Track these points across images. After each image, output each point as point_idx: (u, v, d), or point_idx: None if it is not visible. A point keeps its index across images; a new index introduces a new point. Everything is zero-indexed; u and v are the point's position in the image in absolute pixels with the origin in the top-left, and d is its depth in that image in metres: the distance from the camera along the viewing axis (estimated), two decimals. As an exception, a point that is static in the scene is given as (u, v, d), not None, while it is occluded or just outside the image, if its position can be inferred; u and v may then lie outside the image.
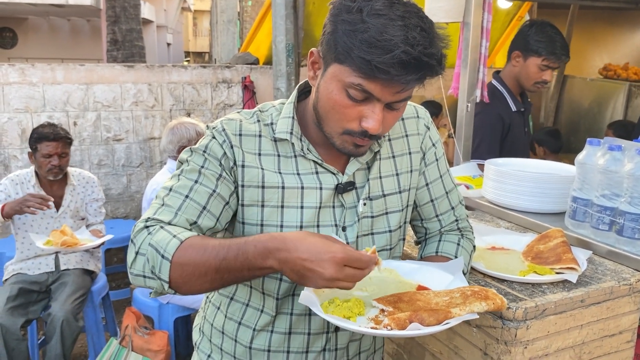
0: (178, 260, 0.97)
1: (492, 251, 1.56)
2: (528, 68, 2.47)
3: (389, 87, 0.99)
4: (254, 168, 1.13)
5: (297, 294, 1.19)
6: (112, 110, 4.54)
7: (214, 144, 1.13)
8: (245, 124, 1.17)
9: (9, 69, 4.19)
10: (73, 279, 3.02)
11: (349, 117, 1.05)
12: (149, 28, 16.57)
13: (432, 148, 1.31)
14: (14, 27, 16.93)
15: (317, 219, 1.16)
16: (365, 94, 1.01)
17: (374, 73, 0.96)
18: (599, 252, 1.54)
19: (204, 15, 27.49)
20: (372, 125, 1.03)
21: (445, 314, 0.96)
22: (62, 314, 2.78)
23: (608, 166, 1.49)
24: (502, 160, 2.02)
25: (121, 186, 4.72)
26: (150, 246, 1.00)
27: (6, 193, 3.00)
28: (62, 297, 2.89)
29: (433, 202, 1.33)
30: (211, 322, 1.31)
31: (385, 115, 1.05)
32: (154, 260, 0.99)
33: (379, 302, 1.03)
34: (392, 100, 1.02)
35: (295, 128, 1.16)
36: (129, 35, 7.71)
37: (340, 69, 1.02)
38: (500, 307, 1.01)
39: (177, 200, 1.08)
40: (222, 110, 4.91)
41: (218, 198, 1.11)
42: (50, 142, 3.02)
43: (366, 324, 1.00)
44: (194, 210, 1.08)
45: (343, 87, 1.02)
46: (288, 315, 1.21)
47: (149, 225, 1.04)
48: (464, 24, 2.30)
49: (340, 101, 1.03)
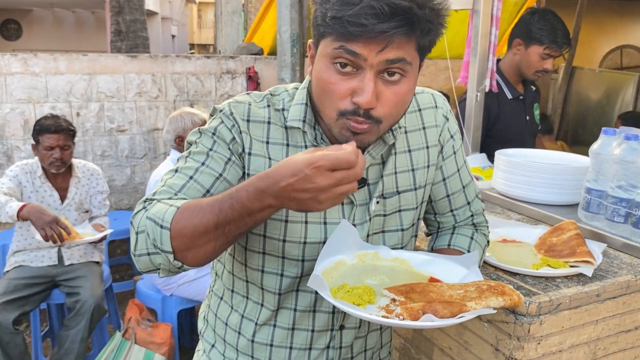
0: (176, 225, 0.92)
1: (503, 244, 1.52)
2: (529, 56, 2.44)
3: (371, 44, 0.91)
4: (261, 157, 1.07)
5: (301, 290, 1.14)
6: (115, 100, 4.50)
7: (222, 128, 1.07)
8: (255, 108, 1.10)
9: (12, 59, 4.15)
10: (93, 268, 3.07)
11: (340, 93, 0.96)
12: (153, 20, 16.52)
13: (450, 140, 1.22)
14: (19, 19, 16.91)
15: (324, 214, 1.10)
16: (349, 56, 0.94)
17: (349, 29, 0.90)
18: (614, 245, 1.49)
19: (208, 7, 27.40)
20: (363, 96, 0.94)
21: (460, 307, 0.91)
22: (93, 300, 2.83)
23: (624, 156, 1.44)
24: (512, 150, 1.97)
25: (125, 177, 4.69)
26: (148, 219, 0.95)
27: (18, 179, 2.98)
28: (89, 284, 2.91)
29: (449, 197, 1.26)
30: (215, 312, 1.27)
31: (382, 91, 0.96)
32: (154, 232, 0.94)
33: (390, 291, 0.98)
34: (380, 62, 0.93)
35: (308, 115, 1.09)
36: (133, 26, 7.66)
37: (324, 43, 0.97)
38: (517, 303, 0.96)
39: (180, 180, 1.03)
40: (226, 101, 4.87)
41: (224, 182, 1.05)
42: (51, 134, 2.98)
43: (377, 312, 0.95)
44: (195, 192, 1.02)
45: (330, 61, 0.96)
46: (292, 310, 1.16)
47: (146, 205, 1.00)
48: (473, 11, 2.24)
49: (329, 77, 0.97)
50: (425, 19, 0.92)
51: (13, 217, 2.68)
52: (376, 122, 0.98)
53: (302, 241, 1.10)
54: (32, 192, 3.02)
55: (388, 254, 1.13)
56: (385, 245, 1.16)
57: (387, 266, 1.11)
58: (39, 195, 3.04)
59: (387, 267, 1.11)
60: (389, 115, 0.99)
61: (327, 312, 1.16)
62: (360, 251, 1.11)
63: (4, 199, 2.74)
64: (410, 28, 0.91)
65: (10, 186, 2.91)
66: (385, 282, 1.05)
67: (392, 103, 0.98)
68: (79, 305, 2.83)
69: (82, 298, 2.84)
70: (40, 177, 3.04)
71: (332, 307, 1.15)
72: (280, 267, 1.12)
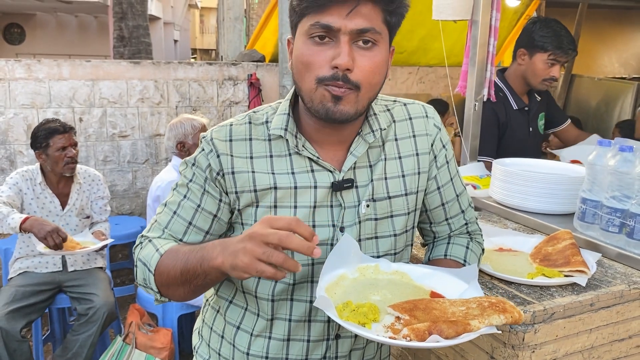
0: (158, 270, 1.08)
1: (499, 252, 1.54)
2: (535, 65, 2.44)
3: (341, 9, 0.99)
4: (245, 172, 1.12)
5: (295, 299, 1.16)
6: (118, 106, 4.54)
7: (200, 156, 1.15)
8: (236, 127, 1.15)
9: (16, 64, 4.19)
10: (100, 275, 3.11)
11: (319, 63, 1.02)
12: (156, 25, 16.58)
13: (443, 150, 1.26)
14: (22, 23, 16.98)
15: (312, 218, 1.13)
16: (324, 29, 1.01)
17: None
18: (609, 254, 1.52)
19: (211, 13, 27.48)
20: (341, 59, 1.00)
21: (464, 327, 0.93)
22: (105, 308, 2.87)
23: (619, 167, 1.47)
24: (509, 160, 2.00)
25: (126, 182, 4.72)
26: (140, 261, 1.12)
27: (18, 187, 2.99)
28: (101, 292, 2.95)
29: (444, 205, 1.28)
30: (210, 326, 1.29)
31: (357, 57, 1.02)
32: (144, 273, 1.10)
33: (395, 309, 1.00)
34: (352, 30, 1.00)
35: (290, 125, 1.13)
36: (136, 32, 7.71)
37: (301, 26, 1.05)
38: (517, 320, 0.98)
39: (166, 216, 1.16)
40: (227, 107, 4.90)
41: (204, 213, 1.14)
42: (61, 134, 3.02)
43: (382, 331, 0.97)
44: (180, 227, 1.15)
45: (307, 37, 1.03)
46: (286, 321, 1.17)
47: (142, 241, 1.16)
48: (472, 22, 2.27)
49: (307, 50, 1.03)
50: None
51: (15, 229, 2.70)
52: (355, 87, 1.03)
53: None
54: (32, 199, 3.03)
55: (389, 267, 1.15)
56: (378, 251, 1.18)
57: (387, 280, 1.13)
58: (39, 202, 3.05)
59: (387, 280, 1.13)
60: (365, 82, 1.04)
61: (322, 322, 1.17)
62: (361, 264, 1.13)
63: (6, 210, 2.75)
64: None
65: (10, 194, 2.92)
66: (387, 297, 1.07)
67: (368, 68, 1.03)
68: (92, 312, 2.86)
69: (95, 305, 2.88)
70: (41, 184, 3.05)
71: (327, 317, 1.17)
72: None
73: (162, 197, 2.93)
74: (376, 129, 1.16)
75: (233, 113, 4.93)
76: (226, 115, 4.91)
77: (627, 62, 6.46)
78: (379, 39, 1.04)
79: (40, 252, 2.85)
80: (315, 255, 0.91)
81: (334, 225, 1.14)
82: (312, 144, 1.14)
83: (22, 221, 2.69)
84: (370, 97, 1.08)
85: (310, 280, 1.15)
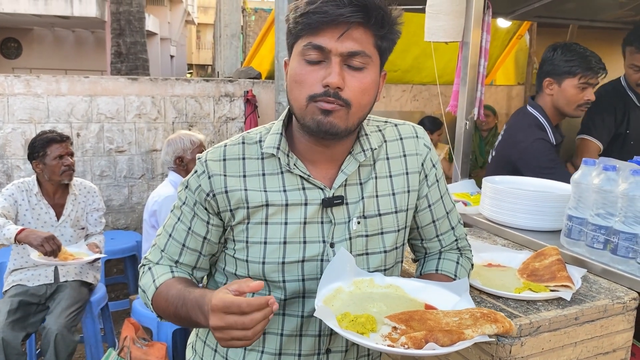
0: (154, 302, 1.18)
1: (488, 268, 1.58)
2: (566, 92, 2.29)
3: (333, 31, 1.05)
4: (238, 191, 1.16)
5: (287, 314, 1.20)
6: (115, 122, 4.59)
7: (192, 179, 1.20)
8: (229, 148, 1.20)
9: (15, 80, 4.24)
10: (70, 292, 3.01)
11: (311, 81, 1.08)
12: (152, 40, 16.68)
13: (433, 169, 1.30)
14: (19, 38, 17.05)
15: (302, 234, 1.17)
16: (316, 51, 1.06)
17: (313, 17, 1.04)
18: (594, 270, 1.56)
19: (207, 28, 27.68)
20: (331, 78, 1.05)
21: (458, 335, 0.98)
22: (56, 327, 2.77)
23: (602, 186, 1.52)
24: (499, 178, 2.04)
25: (122, 197, 4.74)
26: (140, 288, 1.23)
27: (14, 198, 3.02)
28: (57, 310, 2.88)
29: (434, 223, 1.33)
30: (204, 340, 1.31)
31: (348, 78, 1.07)
32: (145, 299, 1.21)
33: (391, 319, 1.04)
34: (342, 52, 1.05)
35: (282, 144, 1.18)
36: (133, 48, 7.79)
37: (296, 47, 1.11)
38: (508, 330, 1.03)
39: (163, 239, 1.24)
40: (224, 123, 4.96)
41: (194, 235, 1.21)
42: (58, 143, 3.07)
43: (381, 340, 1.01)
44: (175, 249, 1.22)
45: (301, 57, 1.09)
46: (278, 335, 1.21)
47: (144, 263, 1.25)
48: (463, 43, 2.34)
49: (300, 70, 1.09)
50: (376, 7, 1.06)
51: (10, 240, 2.73)
52: (345, 104, 1.08)
53: (280, 261, 1.16)
54: (27, 210, 3.05)
55: (383, 281, 1.20)
56: (368, 267, 1.22)
57: (382, 293, 1.17)
58: (34, 213, 3.07)
59: (383, 293, 1.17)
60: (355, 101, 1.09)
61: (313, 336, 1.21)
62: (357, 278, 1.18)
63: (2, 221, 2.78)
64: (365, 15, 1.05)
65: (5, 206, 2.94)
66: (383, 309, 1.11)
67: (358, 88, 1.08)
68: (44, 333, 2.78)
69: (46, 325, 2.81)
70: (37, 195, 3.08)
71: (319, 331, 1.20)
72: (266, 288, 1.18)
73: (159, 211, 2.97)
74: (367, 149, 1.20)
75: (229, 129, 4.98)
76: (222, 131, 4.96)
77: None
78: (369, 62, 1.09)
79: (34, 260, 2.86)
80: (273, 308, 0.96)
81: (324, 241, 1.18)
82: (304, 162, 1.19)
83: (17, 232, 2.73)
84: (360, 117, 1.13)
85: (302, 295, 1.19)
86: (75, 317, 2.92)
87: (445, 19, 2.29)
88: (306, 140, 1.17)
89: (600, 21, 3.99)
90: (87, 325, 3.16)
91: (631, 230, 1.46)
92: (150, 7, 16.27)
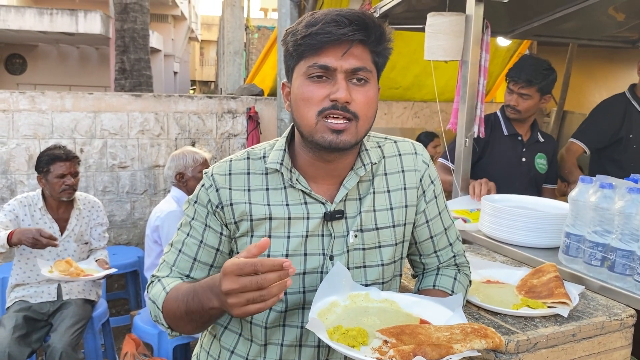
0: (165, 309, 1.16)
1: (487, 284, 1.60)
2: (505, 92, 2.73)
3: (336, 50, 1.10)
4: (242, 204, 1.20)
5: (287, 325, 1.22)
6: (118, 138, 4.63)
7: (201, 192, 1.23)
8: (235, 163, 1.24)
9: (20, 96, 4.29)
10: (74, 309, 3.02)
11: (318, 98, 1.12)
12: (156, 57, 16.84)
13: (432, 185, 1.33)
14: (24, 54, 17.22)
15: (304, 247, 1.20)
16: (321, 70, 1.10)
17: (317, 38, 1.09)
18: (592, 287, 1.57)
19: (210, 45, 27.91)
20: (340, 93, 1.09)
21: (447, 350, 0.99)
22: (60, 345, 2.77)
23: (599, 203, 1.54)
24: (498, 196, 2.07)
25: (125, 213, 4.77)
26: (150, 300, 1.21)
27: (15, 213, 3.03)
28: (62, 328, 2.88)
29: (432, 238, 1.35)
30: (207, 350, 1.34)
31: (353, 92, 1.12)
32: (154, 310, 1.19)
33: (382, 333, 1.06)
34: (347, 69, 1.10)
35: (285, 160, 1.21)
36: (137, 65, 7.87)
37: (298, 69, 1.15)
38: (498, 345, 1.05)
39: (173, 255, 1.25)
40: (226, 139, 5.00)
41: (207, 248, 1.22)
42: (63, 162, 3.08)
43: (370, 354, 1.03)
44: (186, 264, 1.23)
45: (305, 77, 1.13)
46: (278, 346, 1.23)
47: (153, 280, 1.24)
48: (462, 62, 2.37)
49: (306, 88, 1.13)
50: (375, 26, 1.13)
51: (4, 246, 2.75)
52: (354, 116, 1.12)
53: None
54: (30, 225, 3.06)
55: (378, 296, 1.22)
56: (366, 279, 1.25)
57: (378, 307, 1.19)
58: (38, 227, 3.09)
59: (378, 308, 1.19)
60: (362, 113, 1.14)
61: (312, 347, 1.23)
62: (352, 292, 1.20)
63: None
64: (365, 33, 1.11)
65: (3, 221, 2.96)
66: (377, 323, 1.13)
67: (364, 101, 1.14)
68: (49, 351, 2.79)
69: (51, 343, 2.82)
70: (41, 209, 3.10)
71: (318, 342, 1.23)
72: None
73: (161, 227, 2.98)
74: (367, 163, 1.24)
75: (232, 145, 5.02)
76: (225, 147, 5.00)
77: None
78: (370, 77, 1.15)
79: (46, 276, 2.87)
80: (289, 271, 0.95)
81: (324, 254, 1.21)
82: (306, 177, 1.22)
83: (8, 236, 2.75)
84: (366, 129, 1.18)
85: (302, 307, 1.22)
86: (79, 335, 2.94)
87: (444, 38, 2.32)
88: (309, 157, 1.21)
89: (599, 40, 4.03)
90: (88, 341, 3.16)
91: (628, 247, 1.47)
92: (154, 24, 16.46)
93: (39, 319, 2.99)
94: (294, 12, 4.58)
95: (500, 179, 2.47)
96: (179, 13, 19.82)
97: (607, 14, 3.21)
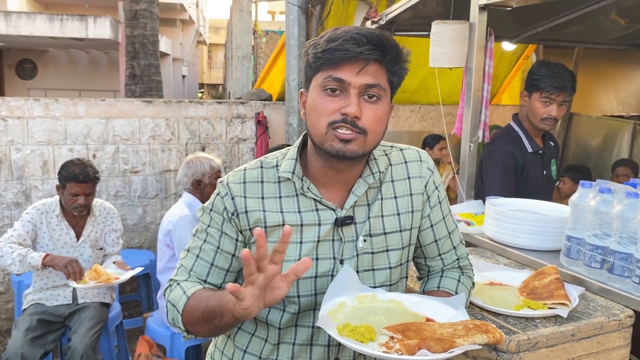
0: (185, 310, 1.21)
1: (490, 286, 1.65)
2: (533, 105, 2.50)
3: (352, 66, 1.15)
4: (256, 211, 1.26)
5: (300, 325, 1.29)
6: (130, 143, 4.71)
7: (217, 200, 1.29)
8: (249, 172, 1.30)
9: (34, 103, 4.38)
10: (92, 312, 3.10)
11: (330, 110, 1.17)
12: (165, 61, 16.98)
13: (436, 191, 1.39)
14: (34, 59, 17.42)
15: (315, 252, 1.26)
16: (336, 83, 1.16)
17: (335, 54, 1.15)
18: (592, 289, 1.62)
19: (219, 49, 28.07)
20: (350, 108, 1.15)
21: (450, 344, 1.06)
22: (82, 347, 2.86)
23: (599, 207, 1.59)
24: (501, 200, 2.12)
25: (136, 217, 4.85)
26: (169, 302, 1.26)
27: (33, 223, 3.11)
28: (82, 330, 2.96)
29: (437, 242, 1.41)
30: (222, 350, 1.40)
31: (364, 109, 1.17)
32: (173, 313, 1.24)
33: (389, 329, 1.12)
34: (361, 85, 1.16)
35: (297, 169, 1.27)
36: (147, 70, 7.97)
37: (315, 79, 1.20)
38: (499, 340, 1.11)
39: (190, 260, 1.30)
40: (235, 144, 5.07)
41: (223, 253, 1.28)
42: (78, 183, 3.10)
43: (378, 349, 1.09)
44: (203, 269, 1.29)
45: (321, 89, 1.18)
46: (291, 344, 1.30)
47: (171, 284, 1.30)
48: (466, 69, 2.43)
49: (320, 100, 1.18)
50: (391, 46, 1.18)
51: (37, 266, 2.89)
52: (362, 131, 1.18)
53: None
54: (46, 232, 3.14)
55: (385, 296, 1.28)
56: (374, 282, 1.31)
57: (385, 307, 1.25)
58: (55, 234, 3.16)
59: (385, 308, 1.25)
60: (371, 129, 1.19)
61: (323, 345, 1.30)
62: (360, 293, 1.26)
63: (24, 250, 2.91)
64: (381, 53, 1.16)
65: (21, 233, 3.04)
66: (383, 322, 1.19)
67: (373, 118, 1.19)
68: (70, 353, 2.88)
69: (72, 345, 2.90)
70: (58, 216, 3.17)
71: (328, 341, 1.29)
72: (282, 303, 1.28)
73: (173, 231, 3.05)
74: (375, 171, 1.30)
75: (241, 150, 5.09)
76: (234, 152, 5.07)
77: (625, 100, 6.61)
78: (382, 94, 1.20)
79: (73, 286, 2.93)
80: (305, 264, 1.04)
81: (335, 258, 1.27)
82: (317, 185, 1.28)
83: (43, 258, 2.89)
84: (375, 144, 1.24)
85: (314, 308, 1.28)
86: (98, 337, 3.03)
87: (449, 46, 2.38)
88: (320, 164, 1.26)
89: (604, 43, 4.07)
90: (103, 343, 3.23)
91: (626, 250, 1.52)
92: (163, 29, 16.59)
93: (54, 320, 3.07)
94: (301, 18, 4.65)
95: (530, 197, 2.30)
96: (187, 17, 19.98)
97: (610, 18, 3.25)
